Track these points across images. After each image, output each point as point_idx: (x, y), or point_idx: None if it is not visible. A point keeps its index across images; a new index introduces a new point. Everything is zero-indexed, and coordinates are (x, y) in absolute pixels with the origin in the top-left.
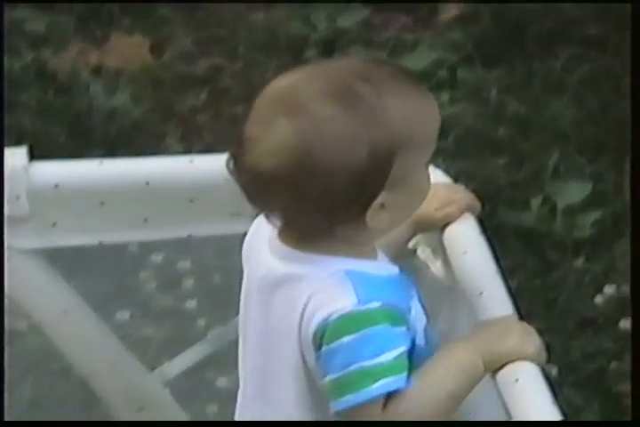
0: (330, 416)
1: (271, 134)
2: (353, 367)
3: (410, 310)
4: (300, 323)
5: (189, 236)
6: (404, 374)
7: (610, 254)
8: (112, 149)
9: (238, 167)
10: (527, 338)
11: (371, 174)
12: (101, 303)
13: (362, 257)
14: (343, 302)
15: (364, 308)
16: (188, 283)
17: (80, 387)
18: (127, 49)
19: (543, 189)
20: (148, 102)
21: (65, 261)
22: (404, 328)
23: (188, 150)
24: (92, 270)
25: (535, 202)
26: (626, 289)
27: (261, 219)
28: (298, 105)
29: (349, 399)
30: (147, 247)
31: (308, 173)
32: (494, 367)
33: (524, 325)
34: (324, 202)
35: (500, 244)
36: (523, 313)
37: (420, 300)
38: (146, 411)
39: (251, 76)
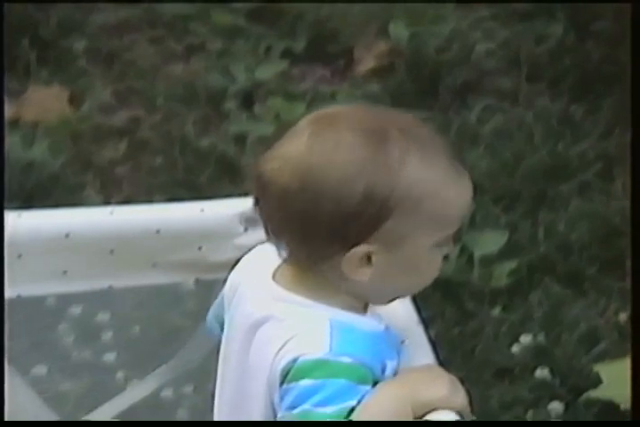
0: None
1: (289, 146)
2: (296, 410)
3: (384, 369)
4: (273, 361)
5: (110, 287)
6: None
7: (526, 304)
8: (29, 201)
9: (254, 178)
10: (455, 390)
11: (357, 216)
12: (18, 357)
13: (350, 310)
14: (315, 348)
15: (332, 359)
16: (107, 335)
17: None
18: (45, 100)
19: (460, 239)
20: (67, 154)
21: None
22: (367, 387)
23: (107, 202)
24: (9, 324)
25: (453, 252)
26: (541, 338)
27: (254, 253)
28: (327, 128)
29: None
30: (65, 299)
31: (301, 190)
32: (419, 413)
33: (452, 377)
34: (307, 225)
35: (418, 293)
36: (441, 362)
37: (399, 361)
38: None
39: (170, 127)
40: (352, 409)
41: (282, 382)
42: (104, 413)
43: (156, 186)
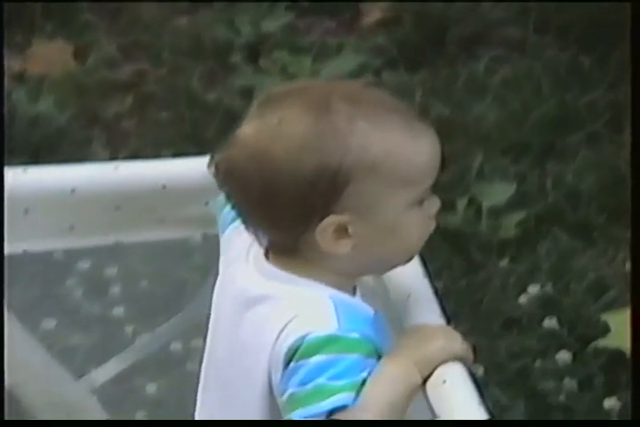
0: None
1: (241, 131)
2: (311, 384)
3: (383, 351)
4: (275, 341)
5: (116, 243)
6: (354, 393)
7: (534, 254)
8: (36, 156)
9: (216, 169)
10: (451, 338)
11: (313, 187)
12: (27, 312)
13: (340, 290)
14: (324, 324)
15: (343, 335)
16: (115, 290)
17: (5, 396)
18: (50, 55)
19: (468, 190)
20: (73, 108)
21: None
22: (374, 360)
23: (113, 156)
24: (17, 279)
25: (461, 203)
26: (549, 288)
27: (241, 228)
28: (271, 106)
29: (299, 413)
30: (73, 255)
31: (257, 170)
32: (428, 372)
33: (445, 327)
34: (271, 205)
35: (426, 245)
36: (449, 314)
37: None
38: (73, 419)
39: (175, 81)
40: (364, 381)
41: (288, 362)
42: (113, 366)
43: (162, 140)
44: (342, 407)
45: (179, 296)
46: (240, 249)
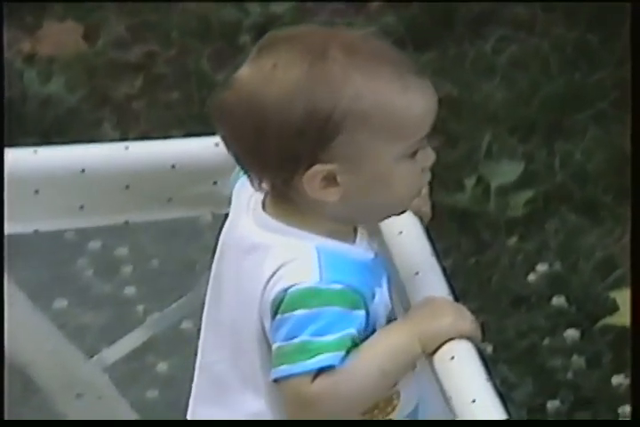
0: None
1: (238, 73)
2: (295, 340)
3: (374, 296)
4: (263, 290)
5: (126, 222)
6: (341, 353)
7: (542, 233)
8: (47, 136)
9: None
10: (460, 315)
11: (302, 134)
12: (38, 292)
13: (336, 238)
14: (306, 276)
15: (324, 286)
16: (126, 269)
17: (18, 376)
18: (60, 36)
19: (476, 169)
20: (83, 89)
21: None
22: (361, 312)
23: (123, 137)
24: (28, 259)
25: (469, 183)
26: (558, 267)
27: (245, 180)
28: (268, 50)
29: (284, 369)
30: (84, 235)
31: (248, 114)
32: (433, 347)
33: (455, 303)
34: (260, 148)
35: (434, 224)
36: (457, 293)
37: (389, 288)
38: (85, 398)
39: (185, 62)
40: (352, 338)
41: (275, 314)
42: (124, 345)
43: (171, 120)
44: (329, 367)
45: (189, 275)
46: (243, 199)
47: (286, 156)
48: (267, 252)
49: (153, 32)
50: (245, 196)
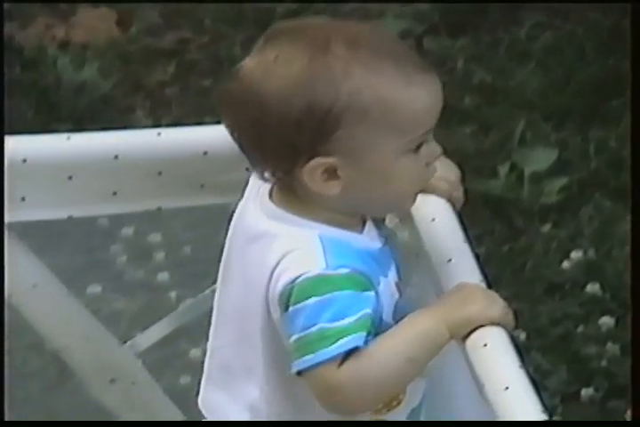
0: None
1: (242, 64)
2: (314, 329)
3: (378, 284)
4: (269, 281)
5: (159, 208)
6: (363, 333)
7: (576, 220)
8: (80, 123)
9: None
10: (491, 302)
11: (301, 128)
12: (72, 277)
13: (342, 227)
14: (311, 265)
15: (331, 272)
16: (159, 256)
17: (52, 361)
18: (94, 22)
19: (510, 156)
20: (116, 76)
21: (35, 236)
22: (371, 293)
23: (156, 123)
24: (63, 245)
25: (502, 169)
26: (592, 254)
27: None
28: (272, 42)
29: (308, 359)
30: (117, 221)
31: (249, 105)
32: (461, 333)
33: (487, 290)
34: (260, 140)
35: (468, 211)
36: (491, 280)
37: (399, 277)
38: (118, 383)
39: (218, 49)
40: (370, 317)
41: (286, 307)
42: (157, 331)
43: (204, 107)
44: (355, 349)
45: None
46: (253, 187)
47: (285, 148)
48: (272, 240)
49: (186, 19)
50: (256, 184)
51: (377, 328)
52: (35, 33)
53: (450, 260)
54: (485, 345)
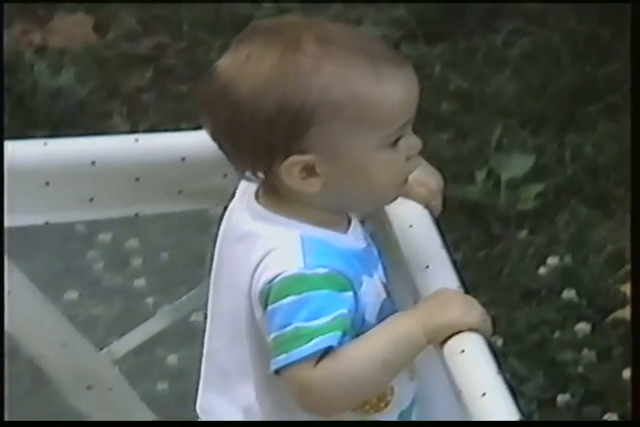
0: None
1: (217, 63)
2: (289, 328)
3: (361, 284)
4: (251, 280)
5: (136, 215)
6: (339, 333)
7: (553, 226)
8: (57, 128)
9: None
10: (470, 308)
11: (274, 126)
12: (49, 283)
13: (326, 227)
14: (290, 264)
15: (309, 272)
16: (137, 261)
17: (28, 367)
18: (71, 28)
19: (487, 162)
20: (93, 81)
21: (11, 242)
22: (349, 293)
23: (133, 129)
24: (39, 250)
25: (479, 175)
26: (568, 260)
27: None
28: (245, 41)
29: (282, 358)
30: (94, 227)
31: (222, 104)
32: (438, 338)
33: (466, 296)
34: (234, 138)
35: (445, 217)
36: (468, 286)
37: (385, 277)
38: (95, 390)
39: (195, 54)
40: (345, 317)
41: (265, 306)
42: (134, 337)
43: (182, 113)
44: (330, 350)
45: (198, 268)
46: (242, 187)
47: (260, 146)
48: (255, 240)
49: (163, 24)
50: (243, 186)
51: (358, 329)
52: (11, 38)
53: (427, 266)
54: (463, 351)
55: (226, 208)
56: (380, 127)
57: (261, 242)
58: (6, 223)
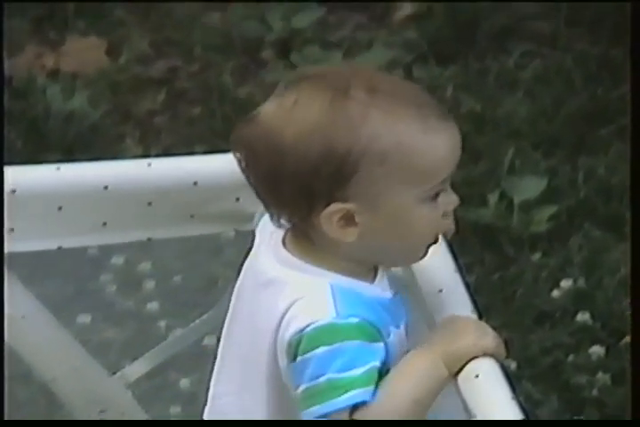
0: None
1: (261, 108)
2: (322, 379)
3: (389, 335)
4: (278, 328)
5: (149, 239)
6: (371, 387)
7: (566, 249)
8: (70, 152)
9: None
10: (482, 333)
11: (318, 173)
12: (62, 307)
13: (354, 277)
14: (321, 313)
15: (341, 321)
16: (149, 285)
17: (41, 392)
18: (83, 52)
19: (499, 185)
20: (106, 105)
21: (24, 267)
22: (380, 344)
23: (146, 152)
24: (52, 275)
25: (492, 198)
26: (582, 283)
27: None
28: (293, 87)
29: (316, 410)
30: (107, 250)
31: (266, 150)
32: (457, 367)
33: (477, 321)
34: (276, 184)
35: (457, 240)
36: (481, 309)
37: (407, 327)
38: (108, 414)
39: (207, 77)
40: (379, 370)
41: (295, 356)
42: (147, 361)
43: (194, 136)
44: (362, 403)
45: (211, 291)
46: (268, 232)
47: (303, 194)
48: (282, 287)
49: (176, 47)
50: (268, 231)
51: (382, 377)
52: (24, 62)
53: (441, 290)
54: (477, 376)
55: (238, 232)
56: (423, 179)
57: (289, 290)
58: (20, 248)
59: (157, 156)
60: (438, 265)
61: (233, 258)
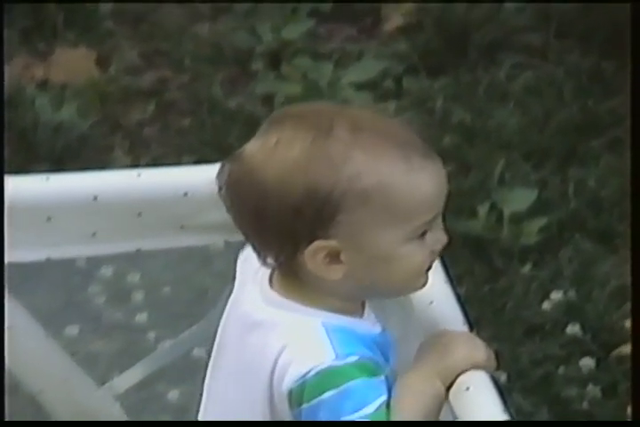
0: None
1: (245, 147)
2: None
3: (384, 369)
4: (272, 372)
5: (138, 250)
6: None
7: (556, 261)
8: (59, 163)
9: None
10: (473, 346)
11: (301, 212)
12: (50, 319)
13: (344, 313)
14: (321, 356)
15: (342, 363)
16: (138, 296)
17: (28, 403)
18: (72, 62)
19: (490, 196)
20: (95, 116)
21: (12, 277)
22: (382, 377)
23: (135, 163)
24: (41, 286)
25: (482, 210)
26: (572, 295)
27: (249, 252)
28: (275, 126)
29: None
30: (95, 261)
31: (249, 188)
32: (450, 381)
33: (468, 334)
34: (260, 223)
35: (447, 251)
36: (471, 321)
37: (395, 366)
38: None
39: (197, 88)
40: (387, 404)
41: (299, 403)
42: (136, 373)
43: (184, 147)
44: None
45: (201, 303)
46: (251, 271)
47: (286, 233)
48: (272, 329)
49: (165, 58)
50: (251, 269)
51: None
52: (13, 73)
53: (431, 302)
54: (468, 389)
55: (228, 243)
56: (407, 219)
57: (280, 331)
58: (8, 259)
59: (147, 166)
60: (429, 277)
61: (223, 269)
